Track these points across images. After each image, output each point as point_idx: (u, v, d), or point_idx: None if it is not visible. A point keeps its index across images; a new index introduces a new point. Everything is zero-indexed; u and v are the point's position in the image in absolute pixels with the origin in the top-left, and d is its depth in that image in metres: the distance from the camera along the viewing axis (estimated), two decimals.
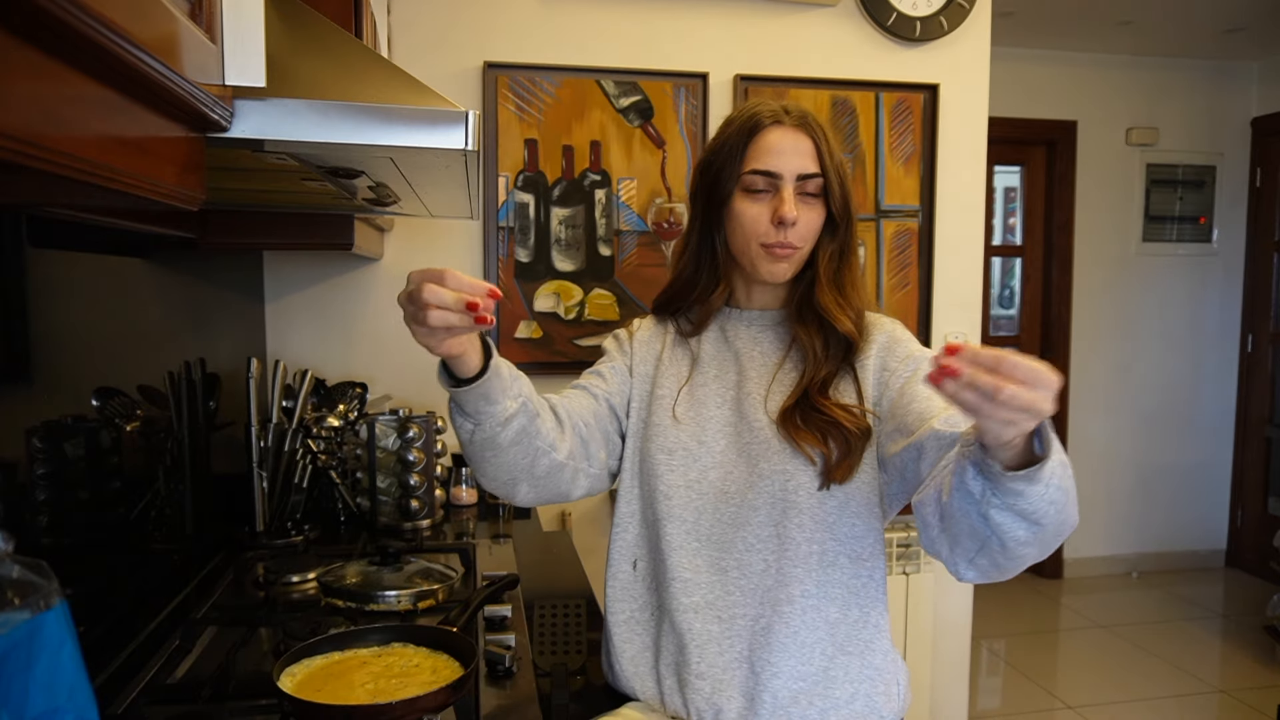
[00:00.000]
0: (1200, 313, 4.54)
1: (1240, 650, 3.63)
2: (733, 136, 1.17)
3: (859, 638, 1.14)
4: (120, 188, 0.52)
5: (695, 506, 1.16)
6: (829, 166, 1.15)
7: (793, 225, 1.13)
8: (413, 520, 1.91)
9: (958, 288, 2.65)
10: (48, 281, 1.10)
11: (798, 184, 1.14)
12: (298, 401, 1.90)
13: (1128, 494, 4.52)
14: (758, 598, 1.12)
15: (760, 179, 1.14)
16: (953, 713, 2.74)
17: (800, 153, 1.14)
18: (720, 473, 1.16)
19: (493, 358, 1.01)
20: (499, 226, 2.33)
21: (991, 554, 0.90)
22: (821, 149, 1.15)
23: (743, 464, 1.15)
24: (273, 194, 1.23)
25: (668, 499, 1.17)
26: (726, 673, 1.11)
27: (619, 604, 1.22)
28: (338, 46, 0.91)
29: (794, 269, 1.18)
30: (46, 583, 0.57)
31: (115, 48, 0.45)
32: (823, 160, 1.15)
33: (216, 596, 1.49)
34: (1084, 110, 4.28)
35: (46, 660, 0.56)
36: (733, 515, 1.14)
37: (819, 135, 1.15)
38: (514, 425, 1.03)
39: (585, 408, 1.21)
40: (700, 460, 1.17)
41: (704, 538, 1.15)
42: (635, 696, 1.19)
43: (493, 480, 1.10)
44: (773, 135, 1.14)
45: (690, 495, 1.16)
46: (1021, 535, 0.84)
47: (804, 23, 2.47)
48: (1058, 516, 0.83)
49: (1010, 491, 0.80)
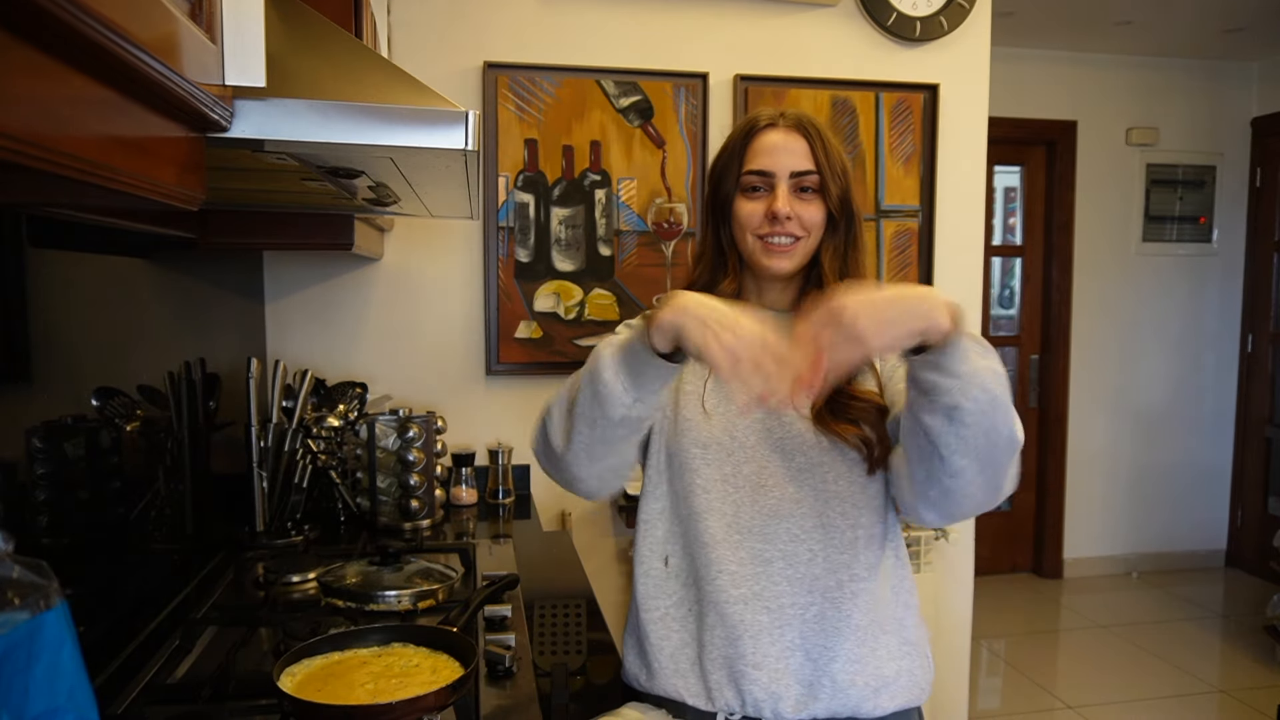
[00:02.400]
0: (1200, 313, 4.54)
1: (1240, 650, 3.63)
2: (733, 141, 1.23)
3: (894, 615, 1.18)
4: (120, 188, 0.52)
5: (734, 500, 1.17)
6: (824, 164, 1.19)
7: (786, 219, 1.17)
8: (413, 520, 1.91)
9: (958, 288, 2.64)
10: (48, 281, 1.10)
11: (793, 180, 1.19)
12: (298, 401, 1.90)
13: (1128, 494, 4.52)
14: (805, 586, 1.15)
15: (757, 178, 1.20)
16: (953, 713, 2.74)
17: (793, 152, 1.19)
18: (755, 466, 1.17)
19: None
20: (499, 226, 2.33)
21: (936, 476, 0.97)
22: (816, 148, 1.19)
23: (777, 458, 1.17)
24: (273, 194, 1.23)
25: (705, 493, 1.18)
26: (781, 661, 1.13)
27: (652, 601, 1.22)
28: (338, 46, 0.91)
29: (794, 263, 1.20)
30: (46, 583, 0.57)
31: (115, 48, 0.45)
32: (817, 158, 1.19)
33: (216, 596, 1.49)
34: (1084, 110, 4.28)
35: (46, 660, 0.56)
36: (773, 507, 1.16)
37: (814, 135, 1.19)
38: (653, 417, 1.16)
39: None
40: (734, 455, 1.18)
41: (745, 530, 1.16)
42: (675, 694, 1.18)
43: (593, 463, 1.12)
44: (768, 137, 1.20)
45: (727, 489, 1.17)
46: (951, 441, 0.93)
47: (804, 23, 2.47)
48: (982, 417, 0.91)
49: (927, 385, 0.91)
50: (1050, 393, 4.39)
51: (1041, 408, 4.45)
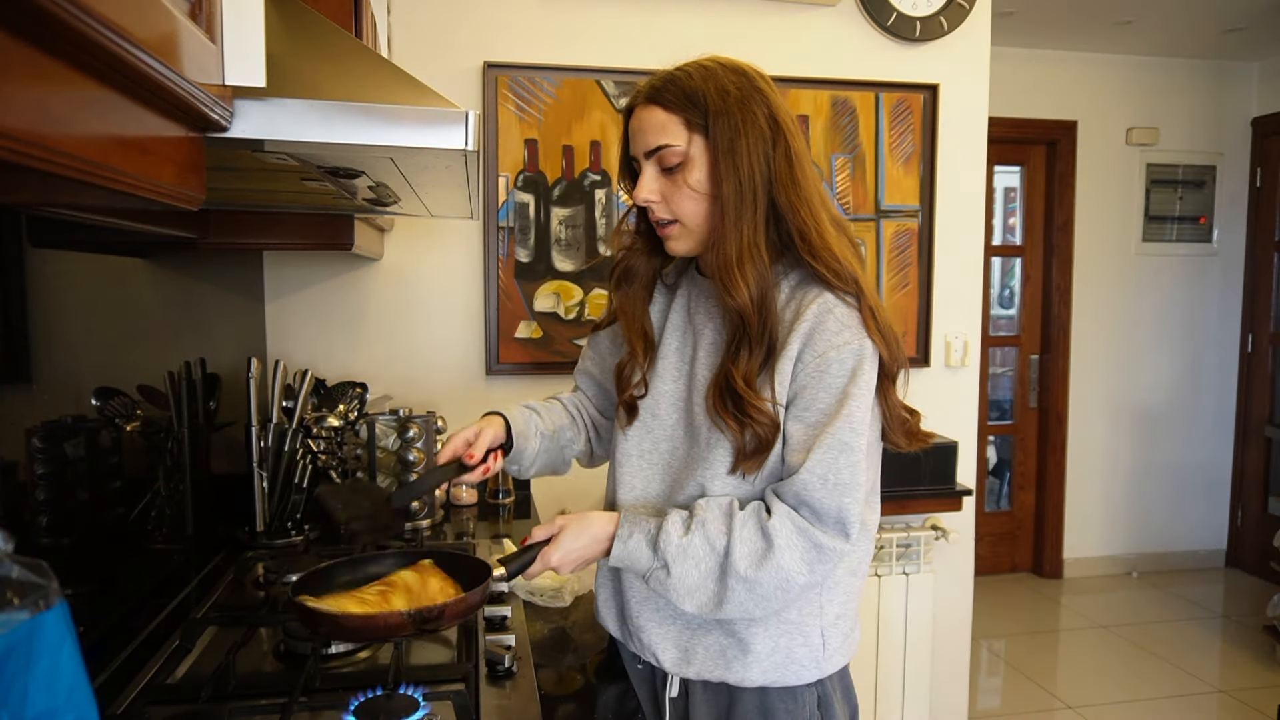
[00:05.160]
0: (1200, 313, 4.54)
1: (1240, 650, 3.63)
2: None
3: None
4: (121, 188, 0.52)
5: (645, 475, 1.19)
6: (674, 129, 1.06)
7: (653, 204, 1.10)
8: (413, 520, 1.91)
9: (958, 288, 2.65)
10: (48, 281, 1.10)
11: (654, 159, 1.09)
12: (298, 401, 1.90)
13: (1128, 494, 4.52)
14: None
15: (634, 165, 1.13)
16: (953, 713, 2.74)
17: (646, 128, 1.08)
18: (670, 445, 1.17)
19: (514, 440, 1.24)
20: (499, 226, 2.33)
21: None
22: (674, 112, 1.06)
23: (687, 441, 1.15)
24: (273, 194, 1.23)
25: (621, 466, 1.21)
26: (661, 626, 1.15)
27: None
28: (338, 46, 0.91)
29: (687, 244, 1.13)
30: (46, 583, 0.57)
31: (115, 48, 0.45)
32: (670, 127, 1.06)
33: (216, 596, 1.49)
34: (1084, 110, 4.28)
35: (46, 660, 0.56)
36: (671, 488, 1.16)
37: (670, 98, 1.07)
38: (539, 461, 1.29)
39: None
40: (654, 432, 1.19)
41: (650, 508, 1.17)
42: (614, 634, 1.25)
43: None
44: (634, 118, 1.11)
45: (642, 465, 1.19)
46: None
47: (804, 23, 2.47)
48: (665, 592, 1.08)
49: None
50: (1050, 393, 4.39)
51: (1041, 408, 4.45)
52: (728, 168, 1.05)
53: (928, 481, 2.47)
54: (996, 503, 4.55)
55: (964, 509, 2.62)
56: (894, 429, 1.12)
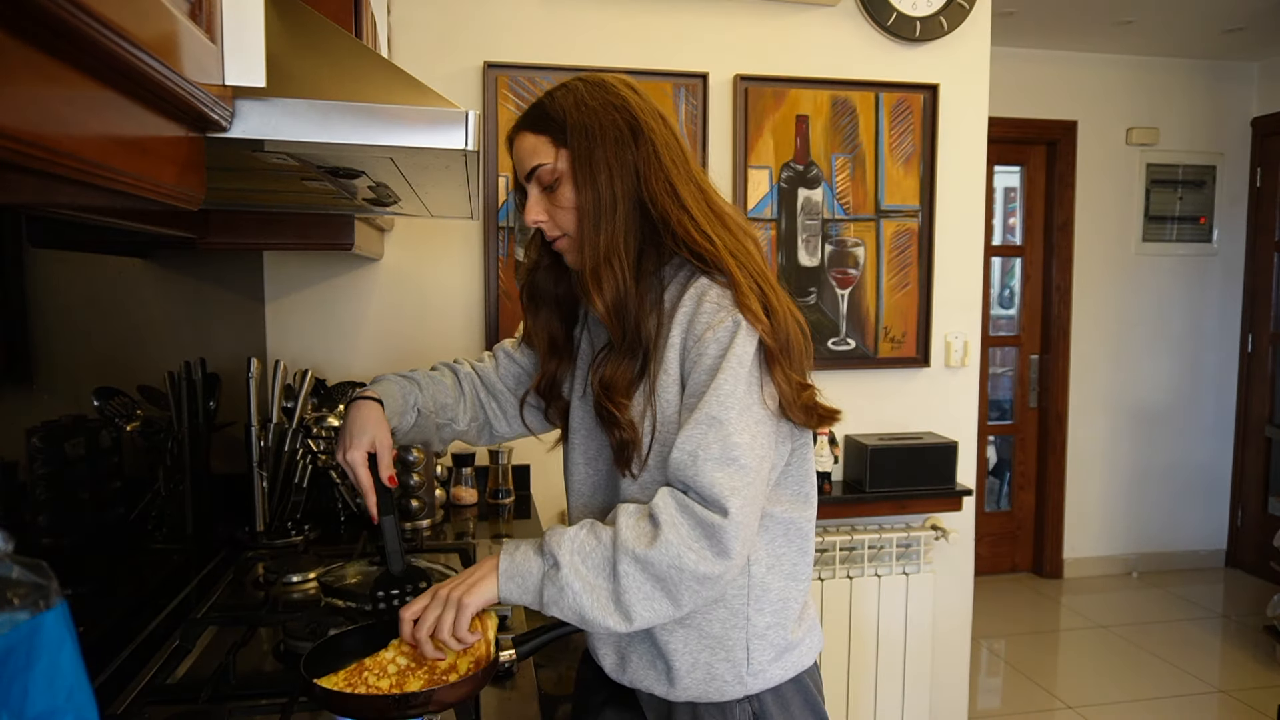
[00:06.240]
0: (1200, 313, 4.54)
1: (1240, 650, 3.63)
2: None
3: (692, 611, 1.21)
4: (121, 188, 0.52)
5: (592, 482, 1.20)
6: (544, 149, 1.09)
7: (541, 223, 1.13)
8: (413, 520, 1.91)
9: (958, 288, 2.65)
10: (48, 281, 1.10)
11: (534, 180, 1.12)
12: (298, 401, 1.90)
13: (1128, 494, 4.52)
14: None
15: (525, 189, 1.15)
16: (953, 713, 2.74)
17: (522, 153, 1.12)
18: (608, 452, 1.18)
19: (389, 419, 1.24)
20: (499, 226, 2.33)
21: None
22: (541, 133, 1.09)
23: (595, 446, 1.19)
24: (273, 194, 1.23)
25: (570, 475, 1.22)
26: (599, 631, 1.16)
27: None
28: (338, 46, 0.91)
29: (578, 258, 1.13)
30: (46, 583, 0.57)
31: (115, 48, 0.45)
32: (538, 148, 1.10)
33: (216, 596, 1.49)
34: (1084, 110, 4.28)
35: (46, 660, 0.56)
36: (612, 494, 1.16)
37: (536, 121, 1.10)
38: (409, 438, 1.30)
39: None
40: (597, 438, 1.19)
41: (595, 513, 1.18)
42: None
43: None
44: (513, 147, 1.15)
45: (589, 471, 1.20)
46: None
47: (804, 23, 2.47)
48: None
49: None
50: (1050, 393, 4.39)
51: (1041, 408, 4.45)
52: (584, 178, 1.07)
53: (927, 481, 2.47)
54: (996, 503, 4.55)
55: (964, 509, 2.62)
56: (791, 407, 1.07)
